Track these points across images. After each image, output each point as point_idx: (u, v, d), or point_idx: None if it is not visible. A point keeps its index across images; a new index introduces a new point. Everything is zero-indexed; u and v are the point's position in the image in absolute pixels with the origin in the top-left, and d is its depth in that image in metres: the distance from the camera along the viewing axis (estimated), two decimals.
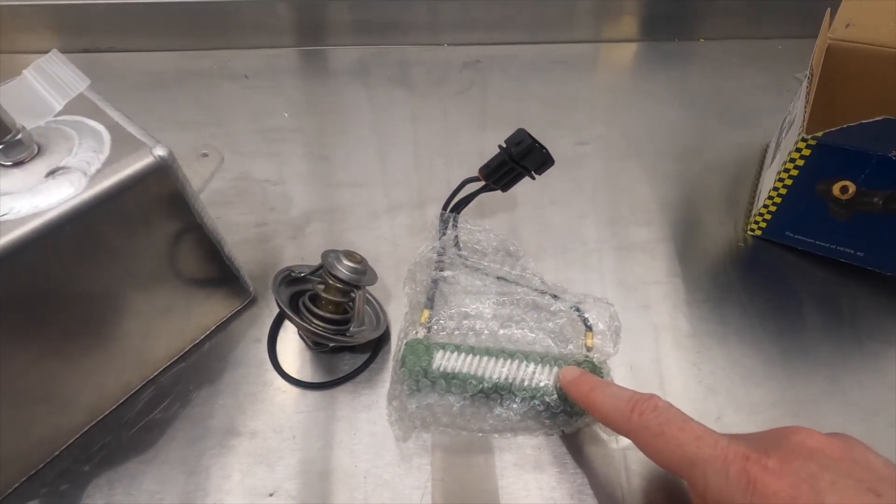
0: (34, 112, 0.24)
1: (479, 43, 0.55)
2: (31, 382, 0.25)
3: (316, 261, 0.32)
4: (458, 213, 0.36)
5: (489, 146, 0.34)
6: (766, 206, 0.37)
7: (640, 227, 0.40)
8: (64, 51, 0.26)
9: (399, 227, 0.40)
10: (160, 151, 0.24)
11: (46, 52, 0.25)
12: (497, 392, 0.28)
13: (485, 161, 0.34)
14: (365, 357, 0.32)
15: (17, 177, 0.22)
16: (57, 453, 0.29)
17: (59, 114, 0.24)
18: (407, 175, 0.43)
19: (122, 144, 0.24)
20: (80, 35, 0.52)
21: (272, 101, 0.49)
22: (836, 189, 0.32)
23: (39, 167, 0.23)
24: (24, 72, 0.25)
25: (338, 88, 0.51)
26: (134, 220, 0.25)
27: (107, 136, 0.24)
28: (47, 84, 0.25)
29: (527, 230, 0.40)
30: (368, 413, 0.30)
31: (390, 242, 0.39)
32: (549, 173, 0.35)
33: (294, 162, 0.44)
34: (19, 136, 0.22)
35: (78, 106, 0.25)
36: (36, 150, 0.23)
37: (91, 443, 0.29)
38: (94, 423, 0.30)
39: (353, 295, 0.31)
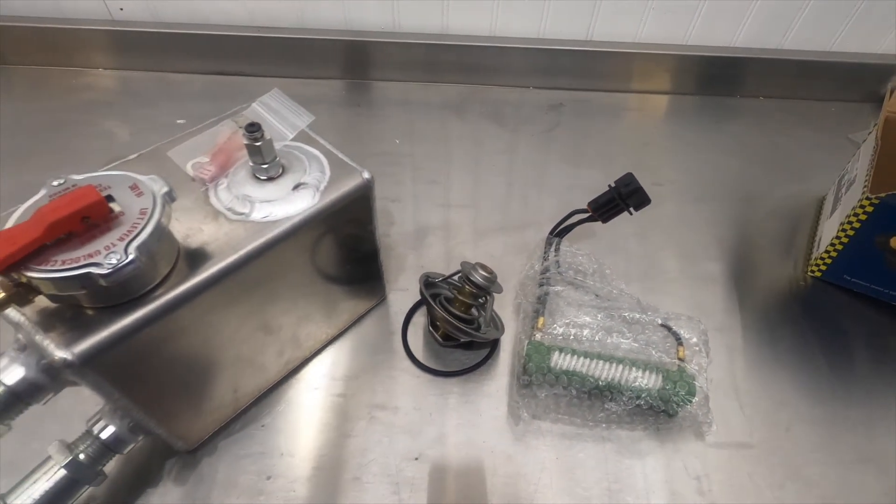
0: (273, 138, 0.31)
1: (561, 88, 0.62)
2: (247, 349, 0.31)
3: (434, 269, 0.38)
4: (562, 237, 0.42)
5: (575, 181, 0.40)
6: (827, 251, 0.42)
7: (711, 262, 0.46)
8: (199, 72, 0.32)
9: (501, 245, 0.46)
10: (366, 175, 0.31)
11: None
12: (609, 390, 0.34)
13: (574, 193, 0.41)
14: (478, 355, 0.38)
15: (270, 189, 0.29)
16: (236, 414, 0.35)
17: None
18: (505, 201, 0.50)
19: (338, 168, 0.31)
20: (217, 59, 0.60)
21: (381, 128, 0.57)
22: (893, 242, 0.38)
23: (286, 182, 0.29)
24: (254, 104, 0.33)
25: (439, 120, 0.58)
26: (338, 226, 0.31)
27: (325, 161, 0.31)
28: (275, 115, 0.32)
29: (610, 258, 0.46)
30: (490, 399, 0.36)
31: (494, 258, 0.45)
32: None
33: (407, 183, 0.51)
34: (277, 158, 0.29)
35: (296, 135, 0.32)
36: (282, 170, 0.30)
37: (263, 406, 0.35)
38: (264, 391, 0.36)
39: (481, 300, 0.37)
